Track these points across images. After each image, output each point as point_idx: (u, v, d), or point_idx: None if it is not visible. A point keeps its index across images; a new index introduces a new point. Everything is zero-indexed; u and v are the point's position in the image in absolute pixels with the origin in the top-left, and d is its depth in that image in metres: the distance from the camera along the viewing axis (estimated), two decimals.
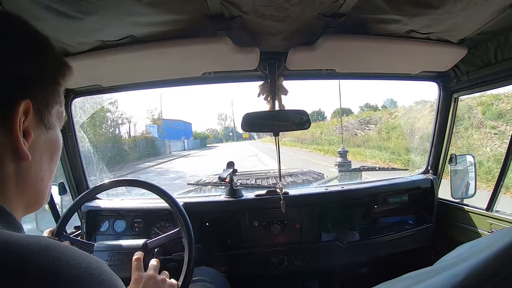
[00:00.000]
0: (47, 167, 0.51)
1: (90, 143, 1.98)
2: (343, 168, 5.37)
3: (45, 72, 0.49)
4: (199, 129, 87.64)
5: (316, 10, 1.06)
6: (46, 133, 0.50)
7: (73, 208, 1.29)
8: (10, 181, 0.45)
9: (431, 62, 1.55)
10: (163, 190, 1.27)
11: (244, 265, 1.63)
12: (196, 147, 48.12)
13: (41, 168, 0.50)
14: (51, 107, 0.50)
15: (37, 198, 0.51)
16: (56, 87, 0.51)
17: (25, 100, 0.44)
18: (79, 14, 0.93)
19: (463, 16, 1.10)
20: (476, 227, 1.60)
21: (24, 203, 0.48)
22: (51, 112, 0.50)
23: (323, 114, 44.73)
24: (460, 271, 0.39)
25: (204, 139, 59.68)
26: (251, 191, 1.76)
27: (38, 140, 0.48)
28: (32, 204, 0.51)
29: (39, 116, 0.48)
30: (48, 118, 0.49)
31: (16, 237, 0.35)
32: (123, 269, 1.06)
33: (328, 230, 1.72)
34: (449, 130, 1.80)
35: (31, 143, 0.46)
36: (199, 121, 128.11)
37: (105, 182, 1.31)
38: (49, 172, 0.52)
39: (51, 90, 0.50)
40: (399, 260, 1.72)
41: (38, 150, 0.48)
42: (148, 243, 1.17)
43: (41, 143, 0.49)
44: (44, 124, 0.49)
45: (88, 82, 1.51)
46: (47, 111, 0.49)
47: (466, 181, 1.79)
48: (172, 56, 1.29)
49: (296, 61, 1.45)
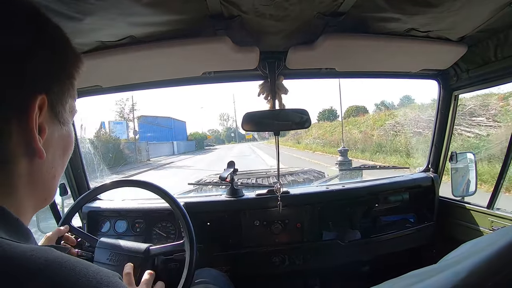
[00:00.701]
0: (60, 164, 0.50)
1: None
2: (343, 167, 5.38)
3: (61, 65, 0.47)
4: (200, 130, 78.47)
5: (315, 9, 1.06)
6: (60, 128, 0.48)
7: (74, 208, 1.29)
8: (21, 180, 0.43)
9: (431, 60, 1.55)
10: (164, 191, 1.27)
11: (246, 264, 1.64)
12: (190, 150, 40.50)
13: (53, 165, 0.48)
14: (65, 101, 0.48)
15: (46, 196, 0.49)
16: (71, 81, 0.49)
17: (41, 95, 0.42)
18: (78, 15, 0.93)
19: (462, 14, 1.10)
20: (477, 225, 1.60)
21: (33, 203, 0.46)
22: (66, 107, 0.48)
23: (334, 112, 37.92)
24: (462, 269, 0.40)
25: (201, 141, 52.15)
26: (252, 190, 1.77)
27: (52, 136, 0.46)
28: (41, 203, 0.49)
29: (54, 111, 0.46)
30: (62, 113, 0.48)
31: (20, 251, 0.33)
32: (121, 271, 1.06)
33: (329, 229, 1.72)
34: (449, 128, 1.80)
35: (45, 140, 0.44)
36: (200, 121, 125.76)
37: (106, 183, 1.32)
38: (61, 169, 0.51)
39: (66, 83, 0.48)
40: (400, 259, 1.72)
41: (52, 147, 0.47)
42: (150, 249, 1.16)
43: (55, 139, 0.47)
44: (58, 120, 0.47)
45: (88, 83, 1.51)
46: (62, 106, 0.47)
47: (467, 179, 1.79)
48: (172, 56, 1.29)
49: (296, 60, 1.45)
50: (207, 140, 59.95)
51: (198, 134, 54.01)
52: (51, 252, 0.35)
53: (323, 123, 31.38)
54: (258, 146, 37.36)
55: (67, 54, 0.49)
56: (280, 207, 1.57)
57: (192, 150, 42.19)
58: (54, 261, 0.34)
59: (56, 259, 0.34)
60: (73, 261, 0.36)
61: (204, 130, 77.97)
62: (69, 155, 0.52)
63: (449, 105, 1.77)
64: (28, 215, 0.46)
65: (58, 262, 0.34)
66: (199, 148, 46.65)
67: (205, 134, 58.47)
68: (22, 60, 0.41)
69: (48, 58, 0.45)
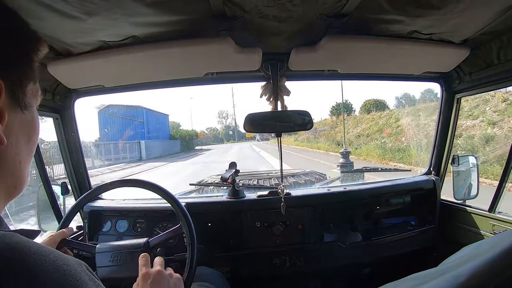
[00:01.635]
0: (25, 149, 0.48)
1: None
2: (345, 169, 5.37)
3: (18, 48, 0.46)
4: (199, 128, 69.69)
5: (318, 10, 1.06)
6: (22, 113, 0.47)
7: (75, 208, 1.29)
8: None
9: (434, 62, 1.54)
10: (165, 191, 1.27)
11: (246, 266, 1.63)
12: (173, 153, 31.60)
13: (18, 151, 0.46)
14: (25, 85, 0.47)
15: (15, 183, 0.48)
16: (30, 64, 0.48)
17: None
18: (81, 15, 0.93)
19: (465, 17, 1.10)
20: (478, 228, 1.59)
21: (3, 192, 0.45)
22: (26, 90, 0.47)
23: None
24: (463, 272, 0.39)
25: (191, 140, 41.46)
26: (253, 191, 1.77)
27: (13, 121, 0.45)
28: (11, 191, 0.47)
29: (13, 96, 0.45)
30: (22, 97, 0.46)
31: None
32: (126, 268, 1.06)
33: (330, 231, 1.72)
34: (451, 131, 1.79)
35: (5, 126, 0.43)
36: (198, 119, 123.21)
37: (107, 182, 1.32)
38: (26, 155, 0.49)
39: (24, 67, 0.47)
40: (401, 261, 1.71)
41: (14, 133, 0.45)
42: (150, 241, 1.17)
43: (16, 124, 0.46)
44: (18, 104, 0.46)
45: (91, 82, 1.51)
46: (21, 90, 0.46)
47: (469, 182, 1.79)
48: (174, 56, 1.30)
49: (298, 61, 1.45)
50: (200, 139, 51.90)
51: (185, 132, 42.84)
52: (15, 237, 0.36)
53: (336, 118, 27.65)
54: (263, 147, 31.57)
55: (23, 38, 0.47)
56: (283, 208, 1.56)
57: (175, 152, 33.28)
58: (17, 245, 0.35)
59: (18, 244, 0.35)
60: (35, 246, 0.36)
61: (202, 128, 69.77)
62: (35, 140, 0.51)
63: (452, 108, 1.76)
64: (0, 204, 0.45)
65: (20, 246, 0.35)
66: (187, 149, 37.45)
67: (194, 132, 48.24)
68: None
69: (4, 42, 0.43)
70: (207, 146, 48.23)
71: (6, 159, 0.45)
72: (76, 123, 1.64)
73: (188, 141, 39.89)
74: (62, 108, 1.56)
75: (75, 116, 1.63)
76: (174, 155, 29.88)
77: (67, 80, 1.44)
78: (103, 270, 1.08)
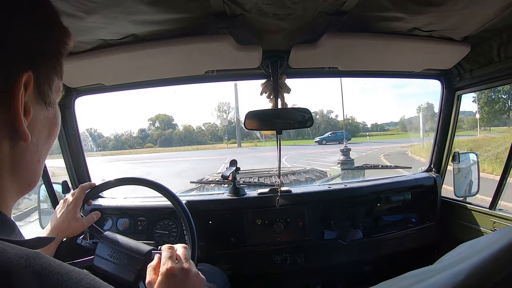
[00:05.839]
0: (45, 147, 0.46)
1: None
2: (345, 166, 5.37)
3: (50, 40, 0.43)
4: (195, 124, 53.82)
5: (318, 8, 1.06)
6: (46, 110, 0.44)
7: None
8: (4, 165, 0.40)
9: (434, 59, 1.54)
10: (166, 189, 1.27)
11: (247, 263, 1.64)
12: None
13: (38, 148, 0.44)
14: (52, 80, 0.44)
15: (30, 181, 0.45)
16: (58, 58, 0.45)
17: (27, 72, 0.38)
18: (81, 13, 0.93)
19: (466, 14, 1.10)
20: (478, 226, 1.59)
21: (17, 188, 0.43)
22: (52, 86, 0.45)
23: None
24: (462, 270, 0.39)
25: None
26: (254, 189, 1.77)
27: (37, 118, 0.42)
28: (24, 188, 0.45)
29: (40, 91, 0.42)
30: (48, 93, 0.44)
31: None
32: (121, 269, 1.04)
33: (331, 228, 1.72)
34: (452, 128, 1.79)
35: (29, 122, 0.40)
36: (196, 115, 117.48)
37: (109, 181, 1.32)
38: (45, 153, 0.47)
39: (53, 61, 0.44)
40: (402, 258, 1.71)
41: (37, 129, 0.43)
42: (152, 252, 1.10)
43: (40, 121, 0.43)
44: (44, 100, 0.43)
45: (91, 81, 1.51)
46: (48, 85, 0.44)
47: (469, 179, 1.79)
48: (174, 54, 1.30)
49: (298, 59, 1.45)
50: (193, 134, 36.36)
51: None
52: (39, 259, 0.32)
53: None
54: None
55: (55, 28, 0.44)
56: (278, 202, 1.57)
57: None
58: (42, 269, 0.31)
59: (43, 265, 0.32)
60: (59, 266, 0.33)
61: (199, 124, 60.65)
62: (54, 138, 0.49)
63: (452, 105, 1.76)
64: (11, 201, 0.43)
65: (46, 269, 0.32)
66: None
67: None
68: (8, 33, 0.37)
69: (37, 32, 0.41)
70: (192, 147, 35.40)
71: (24, 155, 0.42)
72: (76, 121, 1.64)
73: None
74: (62, 107, 1.56)
75: (75, 115, 1.63)
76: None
77: (67, 78, 1.44)
78: (100, 260, 1.08)
